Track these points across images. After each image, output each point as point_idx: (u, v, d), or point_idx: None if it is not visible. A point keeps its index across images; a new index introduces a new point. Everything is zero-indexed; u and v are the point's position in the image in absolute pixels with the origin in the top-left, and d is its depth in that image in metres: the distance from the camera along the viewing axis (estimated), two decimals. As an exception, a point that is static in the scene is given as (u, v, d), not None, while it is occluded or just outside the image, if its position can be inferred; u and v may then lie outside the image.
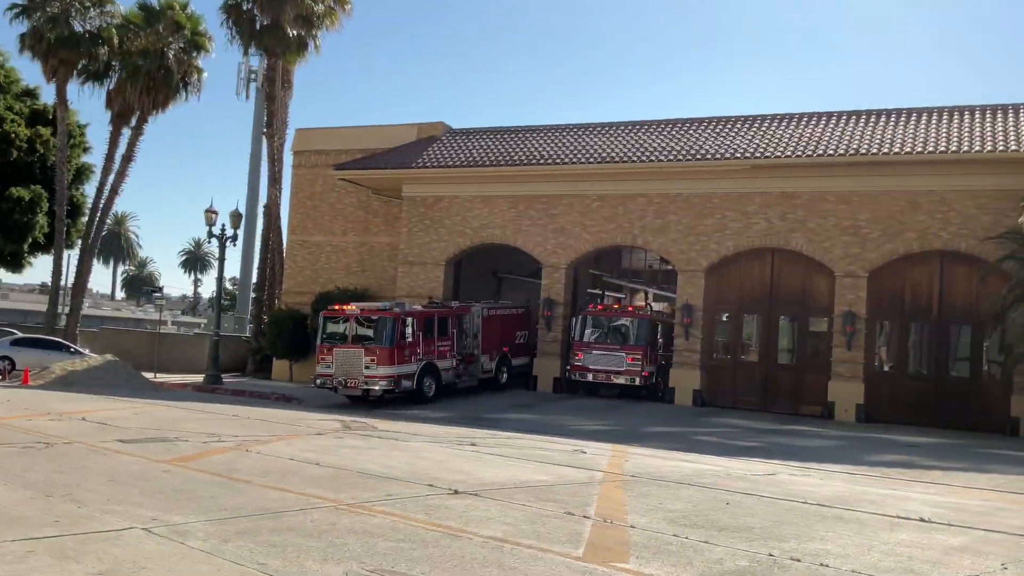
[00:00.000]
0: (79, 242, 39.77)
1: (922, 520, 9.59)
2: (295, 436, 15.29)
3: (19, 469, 10.09)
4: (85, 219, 40.33)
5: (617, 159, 27.30)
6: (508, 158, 29.30)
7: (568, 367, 26.78)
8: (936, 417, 23.46)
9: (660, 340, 26.73)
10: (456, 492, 9.87)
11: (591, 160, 27.68)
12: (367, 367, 23.40)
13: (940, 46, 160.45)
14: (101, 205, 37.86)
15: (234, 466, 11.16)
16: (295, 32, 34.15)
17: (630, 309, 28.32)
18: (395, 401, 24.14)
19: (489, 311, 27.86)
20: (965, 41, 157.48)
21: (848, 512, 9.90)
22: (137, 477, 10.00)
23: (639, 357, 25.61)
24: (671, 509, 9.45)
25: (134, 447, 12.50)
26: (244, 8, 34.54)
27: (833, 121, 27.04)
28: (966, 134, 24.04)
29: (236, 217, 30.50)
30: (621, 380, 25.75)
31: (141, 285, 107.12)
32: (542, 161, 28.48)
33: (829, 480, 13.17)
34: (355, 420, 19.11)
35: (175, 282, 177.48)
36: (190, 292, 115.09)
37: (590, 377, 26.24)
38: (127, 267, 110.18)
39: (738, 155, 25.77)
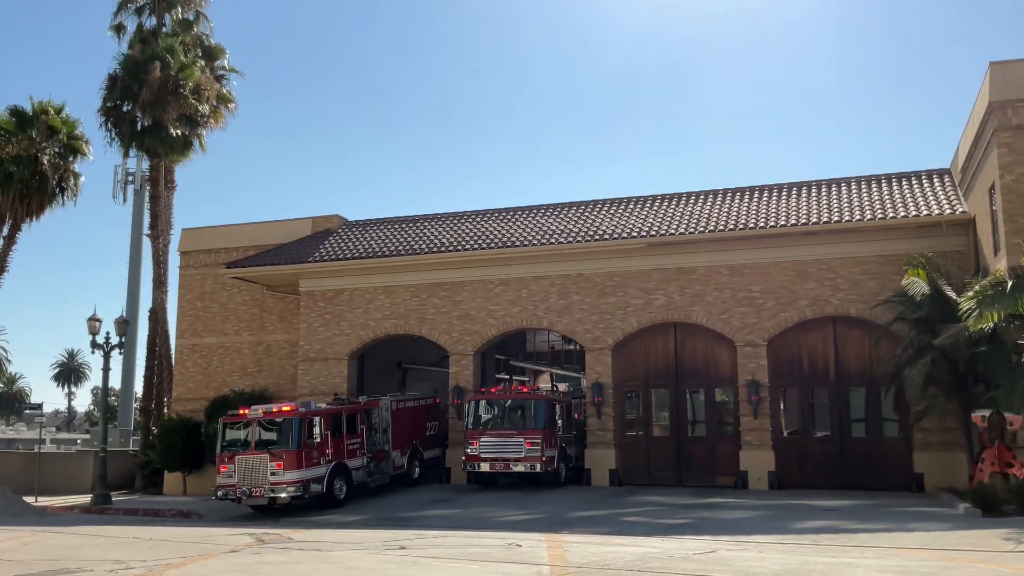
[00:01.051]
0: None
1: (877, 587, 9.57)
2: (208, 556, 14.22)
3: (-95, 624, 8.91)
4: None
5: (518, 243, 27.50)
6: (408, 247, 29.12)
7: (463, 457, 25.33)
8: (844, 478, 24.07)
9: (559, 421, 25.51)
10: (405, 603, 9.27)
11: (492, 245, 27.79)
12: (273, 473, 22.26)
13: (817, 120, 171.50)
14: (-31, 319, 35.37)
15: (152, 596, 10.20)
16: (179, 132, 33.36)
17: (524, 390, 26.89)
18: (304, 508, 22.97)
19: (398, 404, 27.18)
20: (841, 116, 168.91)
21: (804, 586, 9.80)
22: (47, 620, 8.97)
23: (538, 441, 24.25)
24: (633, 600, 9.12)
25: (34, 585, 11.30)
26: (124, 110, 33.60)
27: (721, 198, 28.13)
28: (846, 204, 25.37)
29: (122, 324, 29.01)
30: (520, 468, 24.30)
31: (11, 402, 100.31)
32: (442, 248, 28.42)
33: (767, 552, 13.13)
34: (267, 532, 18.00)
35: (47, 396, 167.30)
36: (63, 406, 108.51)
37: (486, 467, 24.70)
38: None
39: (635, 234, 26.37)
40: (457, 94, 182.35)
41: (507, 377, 32.34)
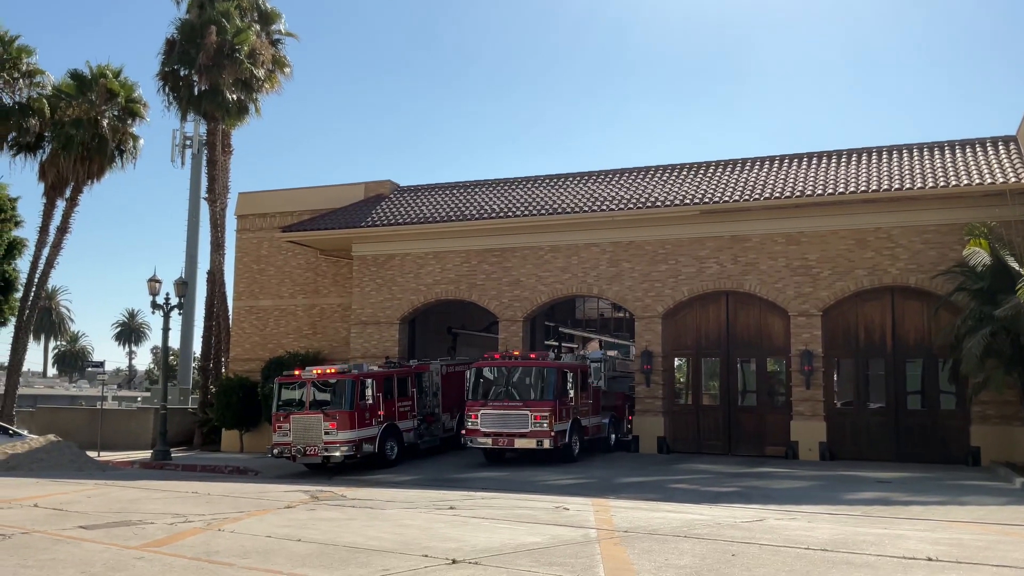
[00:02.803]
0: (12, 319, 38.22)
1: (930, 559, 9.48)
2: (264, 511, 14.60)
3: (-20, 567, 9.36)
4: (17, 295, 38.85)
5: (569, 210, 27.40)
6: (459, 213, 29.21)
7: (462, 432, 23.65)
8: (898, 451, 23.75)
9: (571, 391, 23.35)
10: (454, 562, 9.44)
11: (543, 212, 27.73)
12: (327, 433, 22.74)
13: (874, 87, 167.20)
14: (36, 280, 36.54)
15: (211, 548, 10.54)
16: (235, 96, 33.79)
17: (532, 356, 24.31)
18: (356, 467, 23.44)
19: (448, 368, 27.44)
20: (900, 83, 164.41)
21: (854, 556, 9.75)
22: (112, 567, 9.34)
23: (546, 415, 22.12)
24: (680, 565, 9.17)
25: (99, 533, 11.74)
26: (182, 74, 34.10)
27: (777, 164, 27.65)
28: (907, 172, 24.75)
29: (181, 285, 29.68)
30: (525, 444, 22.24)
31: (74, 360, 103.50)
32: (493, 215, 28.44)
33: (817, 523, 13.04)
34: (321, 489, 18.41)
35: (107, 355, 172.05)
36: (124, 365, 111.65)
37: (488, 442, 22.74)
38: (58, 343, 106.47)
39: (688, 201, 26.07)
40: (511, 59, 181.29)
41: (556, 344, 32.39)
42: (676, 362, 27.14)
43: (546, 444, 22.04)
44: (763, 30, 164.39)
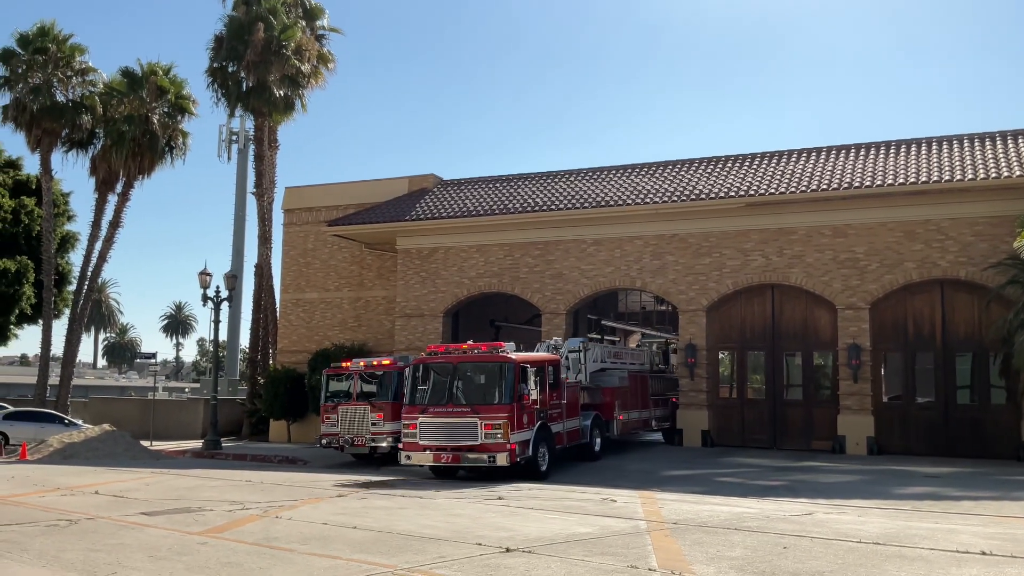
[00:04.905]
0: (66, 311, 39.27)
1: (984, 553, 9.45)
2: (318, 499, 14.93)
3: (54, 550, 9.73)
4: (71, 288, 39.91)
5: (612, 203, 27.41)
6: (501, 206, 29.37)
7: (399, 445, 19.50)
8: (947, 446, 23.46)
9: (535, 392, 18.59)
10: (508, 550, 9.62)
11: (585, 205, 27.78)
12: (374, 424, 23.04)
13: (922, 78, 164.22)
14: (89, 273, 37.42)
15: (270, 534, 10.84)
16: (281, 92, 34.23)
17: (484, 348, 19.84)
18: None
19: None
20: (948, 73, 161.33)
21: (907, 549, 9.74)
22: (177, 552, 9.66)
23: (500, 423, 17.82)
24: (732, 556, 9.25)
25: (161, 520, 12.12)
26: (229, 71, 34.63)
27: (823, 156, 27.39)
28: (957, 163, 24.39)
29: (230, 278, 30.28)
30: (476, 459, 17.95)
31: (123, 352, 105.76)
32: (536, 208, 28.55)
33: (867, 516, 13.00)
34: (370, 479, 18.76)
35: (155, 346, 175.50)
36: (171, 356, 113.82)
37: (426, 458, 18.44)
38: (108, 334, 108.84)
39: (732, 194, 25.95)
40: (553, 54, 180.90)
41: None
42: (720, 355, 27.05)
43: (500, 460, 17.69)
44: (804, 18, 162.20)
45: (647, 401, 26.10)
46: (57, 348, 41.25)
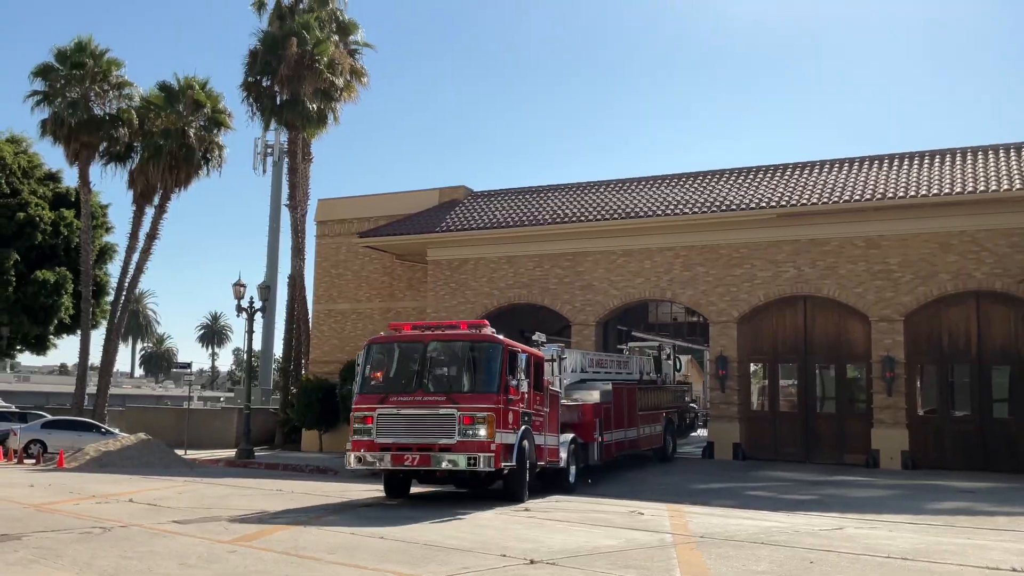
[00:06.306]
0: (103, 322, 39.95)
1: (1014, 570, 9.30)
2: (345, 510, 15.04)
3: (86, 556, 9.91)
4: (108, 298, 40.60)
5: (641, 214, 27.38)
6: (531, 218, 29.46)
7: (348, 445, 15.64)
8: (983, 460, 23.09)
9: (524, 386, 15.41)
10: (532, 562, 9.63)
11: (615, 216, 27.78)
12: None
13: (953, 88, 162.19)
14: (126, 284, 38.06)
15: (298, 543, 10.94)
16: (315, 106, 34.66)
17: (463, 327, 16.41)
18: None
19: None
20: (978, 83, 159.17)
21: (935, 565, 9.62)
22: (207, 559, 9.80)
23: (483, 415, 14.49)
24: (757, 571, 9.19)
25: (193, 528, 12.30)
26: (264, 85, 35.14)
27: (856, 167, 27.17)
28: (992, 174, 24.07)
29: (264, 289, 30.61)
30: (450, 462, 14.47)
31: (160, 361, 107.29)
32: (566, 219, 28.60)
33: (898, 532, 12.84)
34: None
35: (191, 356, 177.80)
36: (207, 366, 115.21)
37: (386, 460, 14.86)
38: (145, 344, 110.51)
39: (764, 204, 25.81)
40: (579, 64, 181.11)
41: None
42: (751, 367, 26.86)
43: (481, 464, 14.38)
44: (832, 27, 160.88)
45: (635, 418, 22.95)
46: (95, 358, 41.97)
